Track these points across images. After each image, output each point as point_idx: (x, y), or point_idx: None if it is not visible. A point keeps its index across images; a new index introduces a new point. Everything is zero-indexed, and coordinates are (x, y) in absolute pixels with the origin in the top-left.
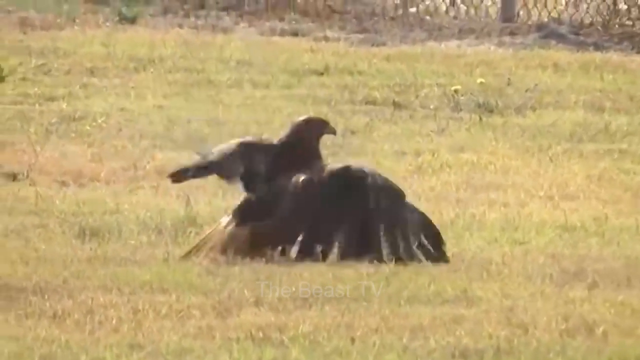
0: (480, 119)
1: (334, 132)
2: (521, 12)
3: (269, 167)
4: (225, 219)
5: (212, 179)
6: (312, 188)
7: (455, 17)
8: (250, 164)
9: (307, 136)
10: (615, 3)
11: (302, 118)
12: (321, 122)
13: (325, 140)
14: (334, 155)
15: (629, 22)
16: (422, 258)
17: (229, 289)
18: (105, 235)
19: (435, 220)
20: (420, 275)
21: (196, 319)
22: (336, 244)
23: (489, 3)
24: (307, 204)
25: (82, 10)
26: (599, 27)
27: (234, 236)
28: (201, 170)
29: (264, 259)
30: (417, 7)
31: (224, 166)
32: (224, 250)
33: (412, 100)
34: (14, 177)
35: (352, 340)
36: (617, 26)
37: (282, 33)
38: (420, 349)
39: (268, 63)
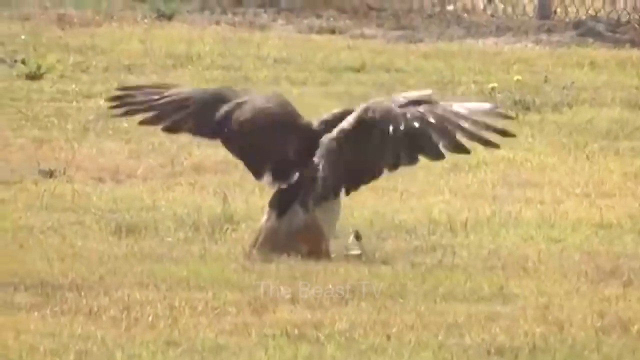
0: (517, 116)
1: None
2: (558, 10)
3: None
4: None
5: (251, 179)
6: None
7: (492, 15)
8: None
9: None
10: None
11: (340, 109)
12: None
13: None
14: None
15: None
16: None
17: (264, 285)
18: (142, 231)
19: (471, 217)
20: (456, 272)
21: (232, 316)
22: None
23: (526, 1)
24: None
25: (119, 7)
26: (636, 25)
27: (271, 230)
28: None
29: (299, 256)
30: (455, 4)
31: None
32: (262, 246)
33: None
34: (50, 174)
35: (388, 337)
36: None
37: (320, 30)
38: (456, 347)
39: (305, 60)
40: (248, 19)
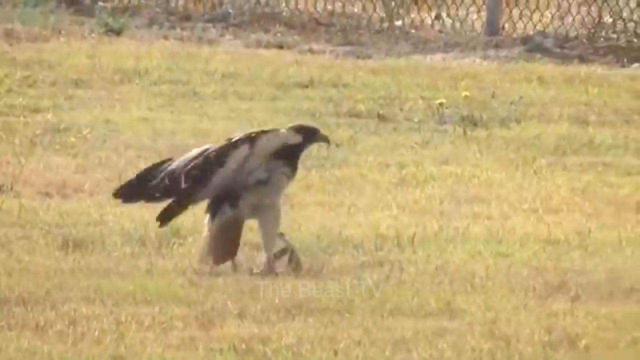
0: (465, 131)
1: (327, 141)
2: (506, 25)
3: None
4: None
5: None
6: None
7: (440, 31)
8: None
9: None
10: (600, 16)
11: (295, 124)
12: (313, 129)
13: (310, 151)
14: (319, 167)
15: (614, 36)
16: None
17: (212, 300)
18: (89, 246)
19: (418, 232)
20: (404, 287)
21: (179, 331)
22: None
23: (474, 16)
24: None
25: (67, 22)
26: (584, 40)
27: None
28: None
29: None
30: (403, 20)
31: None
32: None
33: (396, 113)
34: None
35: (335, 352)
36: (602, 39)
37: (268, 45)
38: None
39: (253, 75)
40: (196, 34)
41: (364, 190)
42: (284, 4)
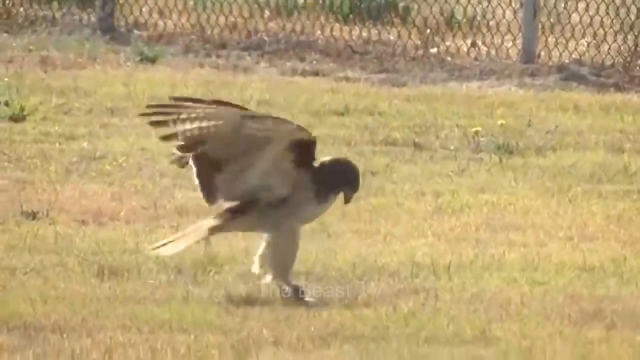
0: (501, 160)
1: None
2: (542, 54)
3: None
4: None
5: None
6: None
7: (476, 58)
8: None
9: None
10: (636, 45)
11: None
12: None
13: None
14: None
15: None
16: None
17: (247, 328)
18: (125, 274)
19: (454, 260)
20: (439, 315)
21: (215, 359)
22: None
23: (510, 44)
24: None
25: (103, 50)
26: (620, 69)
27: None
28: None
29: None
30: (438, 47)
31: None
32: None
33: (432, 141)
34: (33, 215)
35: None
36: (638, 68)
37: (303, 73)
38: None
39: (289, 103)
40: (232, 62)
41: (399, 219)
42: (319, 32)
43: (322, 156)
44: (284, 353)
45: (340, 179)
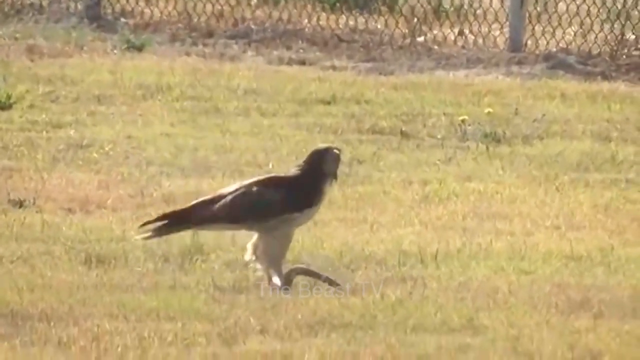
0: (488, 148)
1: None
2: (529, 42)
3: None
4: None
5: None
6: None
7: (463, 47)
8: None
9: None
10: (622, 33)
11: (322, 147)
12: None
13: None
14: (341, 184)
15: (637, 53)
16: None
17: (234, 316)
18: (112, 262)
19: (441, 249)
20: (426, 303)
21: (202, 347)
22: None
23: (497, 33)
24: None
25: (89, 38)
26: (607, 58)
27: None
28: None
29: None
30: (425, 36)
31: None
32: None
33: (419, 130)
34: (20, 204)
35: None
36: (624, 57)
37: (290, 62)
38: None
39: (275, 91)
40: (218, 50)
41: (386, 207)
42: (306, 21)
43: (308, 148)
44: (271, 341)
45: (321, 171)
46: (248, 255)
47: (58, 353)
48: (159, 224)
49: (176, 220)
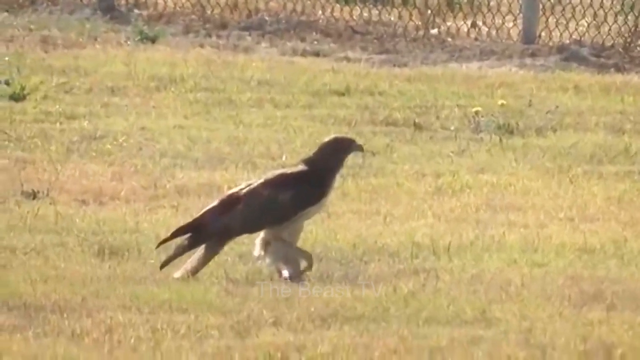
0: (501, 140)
1: (361, 149)
2: (542, 34)
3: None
4: None
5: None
6: None
7: (476, 39)
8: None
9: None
10: (636, 25)
11: (330, 137)
12: (348, 140)
13: (346, 160)
14: (355, 175)
15: None
16: None
17: (247, 309)
18: (125, 254)
19: (454, 241)
20: (439, 296)
21: (215, 339)
22: None
23: (510, 25)
24: None
25: (103, 29)
26: (620, 50)
27: None
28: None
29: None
30: (439, 28)
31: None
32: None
33: (432, 122)
34: (34, 195)
35: None
36: (638, 48)
37: (304, 53)
38: None
39: (289, 83)
40: (232, 42)
41: (399, 199)
42: (320, 12)
43: (322, 139)
44: (284, 333)
45: (338, 155)
46: (257, 251)
47: (71, 345)
48: (175, 240)
49: (194, 237)
